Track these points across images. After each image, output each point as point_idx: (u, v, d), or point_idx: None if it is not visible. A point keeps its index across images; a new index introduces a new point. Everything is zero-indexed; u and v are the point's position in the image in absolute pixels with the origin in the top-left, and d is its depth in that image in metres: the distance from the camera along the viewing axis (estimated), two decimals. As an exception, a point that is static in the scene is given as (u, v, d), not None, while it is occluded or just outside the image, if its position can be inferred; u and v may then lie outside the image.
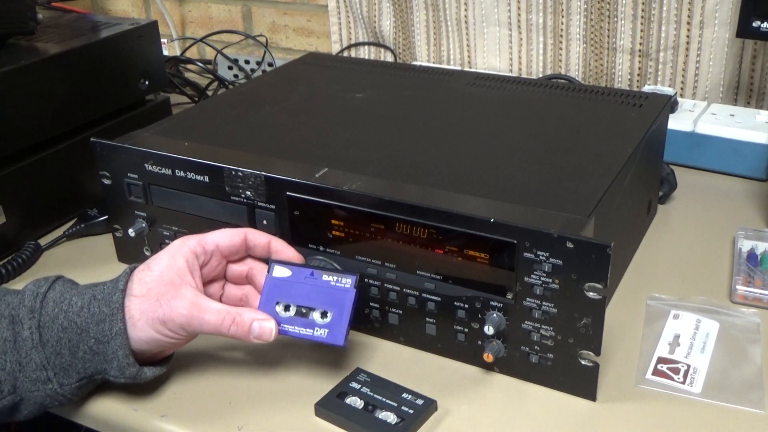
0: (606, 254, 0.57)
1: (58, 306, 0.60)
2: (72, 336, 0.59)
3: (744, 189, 0.96)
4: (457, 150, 0.76)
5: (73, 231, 0.89)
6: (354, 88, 0.93)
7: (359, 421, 0.60)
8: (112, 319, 0.59)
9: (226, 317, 0.60)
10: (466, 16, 1.23)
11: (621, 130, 0.79)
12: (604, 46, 1.15)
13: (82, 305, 0.60)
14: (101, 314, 0.59)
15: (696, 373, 0.65)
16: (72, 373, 0.60)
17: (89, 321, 0.59)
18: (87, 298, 0.60)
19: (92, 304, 0.60)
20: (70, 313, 0.60)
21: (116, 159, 0.77)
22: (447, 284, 0.65)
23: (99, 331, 0.59)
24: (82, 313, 0.59)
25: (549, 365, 0.63)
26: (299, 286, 0.64)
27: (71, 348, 0.59)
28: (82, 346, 0.59)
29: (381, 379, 0.65)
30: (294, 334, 0.63)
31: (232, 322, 0.60)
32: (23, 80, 0.85)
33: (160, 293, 0.60)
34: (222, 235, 0.65)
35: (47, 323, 0.59)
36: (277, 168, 0.70)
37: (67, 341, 0.59)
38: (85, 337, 0.59)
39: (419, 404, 0.62)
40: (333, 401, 0.62)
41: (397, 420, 0.60)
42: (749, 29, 0.91)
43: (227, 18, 1.50)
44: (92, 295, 0.60)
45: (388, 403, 0.62)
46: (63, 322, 0.59)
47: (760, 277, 0.76)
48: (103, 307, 0.59)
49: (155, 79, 1.04)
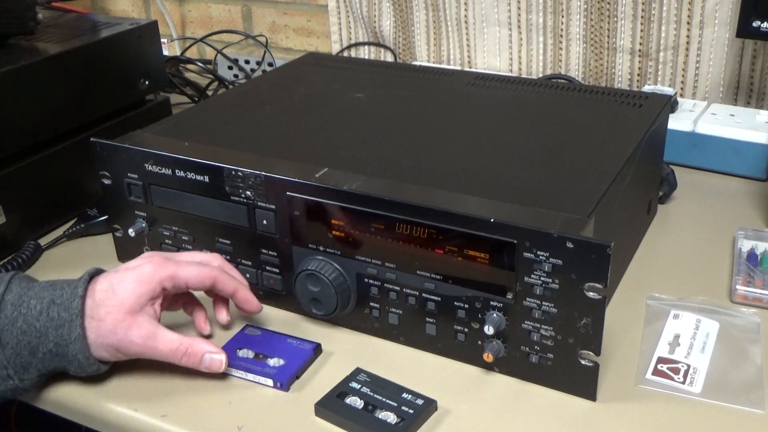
0: (606, 254, 0.57)
1: (17, 309, 0.61)
2: (31, 339, 0.60)
3: (744, 189, 0.96)
4: (457, 150, 0.76)
5: (73, 231, 0.89)
6: (354, 88, 0.93)
7: (359, 421, 0.60)
8: (71, 325, 0.60)
9: (179, 348, 0.63)
10: (466, 16, 1.23)
11: (621, 130, 0.79)
12: (604, 46, 1.15)
13: (41, 309, 0.61)
14: (60, 319, 0.60)
15: (696, 373, 0.65)
16: (32, 370, 0.62)
17: (48, 325, 0.60)
18: (46, 302, 0.61)
19: (51, 308, 0.61)
20: (29, 317, 0.61)
21: (116, 159, 0.77)
22: (447, 284, 0.65)
23: (58, 336, 0.60)
24: (41, 317, 0.61)
25: (549, 365, 0.63)
26: (264, 340, 0.70)
27: (31, 350, 0.61)
28: (42, 348, 0.61)
29: (381, 378, 0.65)
30: (242, 369, 0.66)
31: (184, 353, 0.63)
32: (23, 80, 0.85)
33: (118, 320, 0.61)
34: (193, 275, 0.66)
35: (6, 326, 0.60)
36: (277, 168, 0.70)
37: (26, 344, 0.60)
38: (44, 341, 0.60)
39: (419, 404, 0.62)
40: (333, 401, 0.62)
41: (397, 420, 0.60)
42: (749, 29, 0.91)
43: (227, 18, 1.50)
44: (51, 299, 0.61)
45: (388, 403, 0.62)
46: (22, 325, 0.60)
47: (760, 277, 0.76)
48: (62, 312, 0.60)
49: (155, 79, 1.04)
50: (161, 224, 0.79)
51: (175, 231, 0.78)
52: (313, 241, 0.70)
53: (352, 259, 0.69)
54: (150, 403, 0.64)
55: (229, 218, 0.74)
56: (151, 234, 0.80)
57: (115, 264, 0.83)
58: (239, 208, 0.72)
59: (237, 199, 0.72)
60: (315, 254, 0.70)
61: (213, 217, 0.75)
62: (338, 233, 0.68)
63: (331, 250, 0.69)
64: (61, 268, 0.85)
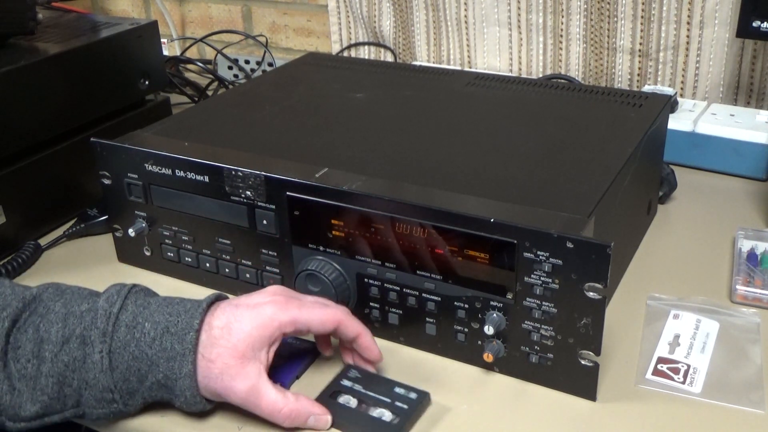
0: (606, 254, 0.57)
1: (131, 332, 0.59)
2: (142, 366, 0.59)
3: (744, 189, 0.96)
4: (457, 150, 0.76)
5: (73, 231, 0.89)
6: (354, 88, 0.93)
7: (355, 422, 0.60)
8: (183, 360, 0.58)
9: (282, 411, 0.59)
10: (466, 16, 1.23)
11: (621, 130, 0.79)
12: (604, 46, 1.15)
13: (155, 336, 0.59)
14: (173, 351, 0.58)
15: (696, 373, 0.65)
16: (137, 397, 0.60)
17: (160, 355, 0.58)
18: (160, 330, 0.59)
19: (165, 337, 0.59)
20: (141, 344, 0.59)
21: (116, 159, 0.77)
22: (447, 284, 0.65)
23: (169, 368, 0.58)
24: (154, 345, 0.59)
25: (549, 365, 0.63)
26: None
27: (139, 377, 0.59)
28: (151, 377, 0.59)
29: (372, 374, 0.65)
30: None
31: (287, 416, 0.59)
32: (23, 80, 0.85)
33: (227, 366, 0.58)
34: (317, 318, 0.61)
35: (118, 349, 0.58)
36: (277, 168, 0.70)
37: (136, 370, 0.59)
38: (154, 370, 0.59)
39: (413, 398, 0.62)
40: (326, 401, 0.62)
41: (393, 417, 0.60)
42: (749, 29, 0.91)
43: (227, 18, 1.50)
44: (166, 326, 0.59)
45: (381, 399, 0.62)
46: (134, 350, 0.59)
47: (760, 277, 0.76)
48: (175, 344, 0.58)
49: (155, 79, 1.04)
50: (161, 224, 0.79)
51: (175, 231, 0.78)
52: (313, 241, 0.70)
53: (352, 259, 0.68)
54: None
55: (229, 218, 0.74)
56: (151, 234, 0.80)
57: (115, 264, 0.84)
58: (239, 208, 0.72)
59: (237, 199, 0.72)
60: (315, 254, 0.70)
61: (213, 217, 0.75)
62: (338, 233, 0.68)
63: (331, 250, 0.69)
64: (61, 268, 0.85)
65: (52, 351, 0.58)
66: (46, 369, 0.58)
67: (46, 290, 0.62)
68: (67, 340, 0.59)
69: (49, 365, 0.58)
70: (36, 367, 0.58)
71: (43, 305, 0.61)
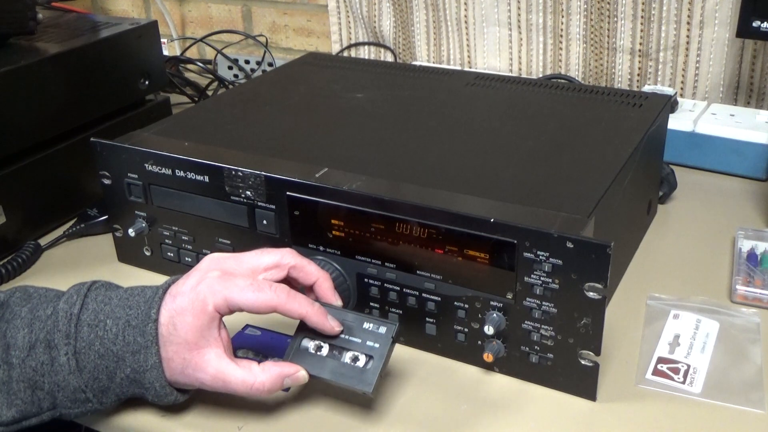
0: (606, 254, 0.57)
1: (93, 331, 0.59)
2: (109, 363, 0.59)
3: (744, 189, 0.96)
4: (457, 150, 0.76)
5: (73, 231, 0.89)
6: (354, 88, 0.93)
7: (330, 369, 0.60)
8: (147, 352, 0.58)
9: (253, 385, 0.59)
10: (466, 16, 1.23)
11: (621, 130, 0.79)
12: (604, 46, 1.15)
13: (117, 332, 0.59)
14: (136, 344, 0.58)
15: (696, 373, 0.65)
16: (110, 395, 0.60)
17: (125, 350, 0.58)
18: (122, 324, 0.59)
19: (127, 331, 0.59)
20: (105, 341, 0.59)
21: (116, 159, 0.77)
22: (447, 284, 0.65)
23: (135, 361, 0.58)
24: (117, 340, 0.59)
25: (549, 365, 0.63)
26: (264, 340, 0.65)
27: (108, 374, 0.59)
28: (119, 373, 0.59)
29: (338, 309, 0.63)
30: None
31: (259, 388, 0.59)
32: (23, 80, 0.85)
33: (186, 360, 0.59)
34: (249, 303, 0.59)
35: (83, 349, 0.58)
36: (277, 168, 0.70)
37: (104, 368, 0.59)
38: (121, 365, 0.59)
39: (382, 333, 0.60)
40: (297, 357, 0.61)
41: (366, 360, 0.59)
42: (749, 29, 0.91)
43: (227, 18, 1.50)
44: (126, 320, 0.59)
45: (352, 340, 0.60)
46: (99, 348, 0.59)
47: (760, 277, 0.76)
48: (137, 336, 0.58)
49: (155, 79, 1.04)
50: (161, 224, 0.79)
51: (175, 231, 0.78)
52: (313, 241, 0.70)
53: (352, 259, 0.68)
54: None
55: (229, 218, 0.74)
56: (151, 234, 0.80)
57: (115, 264, 0.84)
58: (239, 208, 0.72)
59: (237, 199, 0.72)
60: (315, 254, 0.70)
61: (213, 217, 0.75)
62: (338, 233, 0.68)
63: (331, 250, 0.69)
64: (61, 268, 0.85)
65: (19, 357, 0.58)
66: (16, 374, 0.58)
67: (13, 295, 0.62)
68: (33, 345, 0.58)
69: (18, 371, 0.58)
70: (6, 372, 0.58)
71: (9, 311, 0.60)
